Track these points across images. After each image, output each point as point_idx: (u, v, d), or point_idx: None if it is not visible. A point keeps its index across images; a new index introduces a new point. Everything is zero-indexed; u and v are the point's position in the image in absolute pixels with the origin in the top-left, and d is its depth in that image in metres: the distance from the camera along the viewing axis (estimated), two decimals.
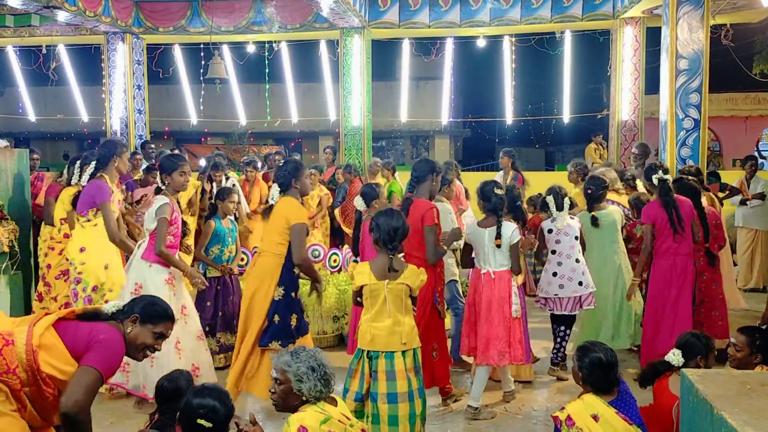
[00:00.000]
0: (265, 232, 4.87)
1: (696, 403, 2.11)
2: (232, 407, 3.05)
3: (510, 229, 4.88)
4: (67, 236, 5.57)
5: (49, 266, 5.66)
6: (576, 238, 5.60)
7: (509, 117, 13.50)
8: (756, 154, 22.87)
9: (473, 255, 5.12)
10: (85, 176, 5.19)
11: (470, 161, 26.53)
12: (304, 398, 3.07)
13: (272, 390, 3.16)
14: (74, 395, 2.87)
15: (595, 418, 3.34)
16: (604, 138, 12.77)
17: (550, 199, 5.64)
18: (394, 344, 3.87)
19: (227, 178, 8.24)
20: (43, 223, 6.54)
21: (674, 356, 3.73)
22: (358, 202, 5.67)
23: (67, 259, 5.18)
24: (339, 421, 3.08)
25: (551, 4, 11.38)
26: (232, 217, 6.20)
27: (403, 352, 3.89)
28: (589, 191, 5.94)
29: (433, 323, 4.89)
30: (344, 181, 9.74)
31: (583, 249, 5.66)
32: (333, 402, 3.16)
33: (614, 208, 6.07)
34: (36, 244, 6.53)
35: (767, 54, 15.78)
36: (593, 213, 5.91)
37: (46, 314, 3.13)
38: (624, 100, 11.49)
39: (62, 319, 3.10)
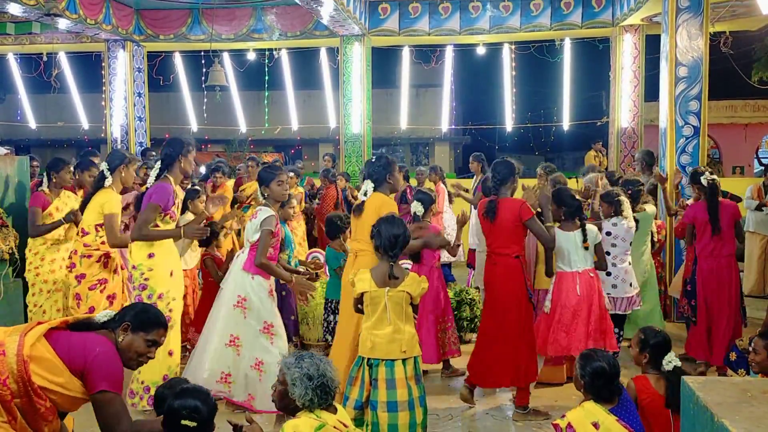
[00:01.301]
0: (359, 229, 4.82)
1: (696, 410, 2.11)
2: (215, 405, 3.05)
3: (594, 231, 5.18)
4: (104, 242, 5.31)
5: (83, 276, 5.30)
6: (630, 243, 5.76)
7: (509, 124, 13.52)
8: (756, 161, 22.89)
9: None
10: (151, 178, 4.96)
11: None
12: (296, 403, 3.07)
13: (273, 388, 3.18)
14: (116, 428, 2.91)
15: (596, 425, 3.34)
16: (604, 145, 12.79)
17: (624, 200, 5.73)
18: (394, 352, 3.86)
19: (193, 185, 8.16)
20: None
21: (676, 359, 3.71)
22: (416, 207, 5.67)
23: (134, 266, 4.90)
24: (335, 427, 3.07)
25: (551, 12, 11.41)
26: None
27: (404, 360, 3.87)
28: (629, 192, 6.10)
29: (529, 318, 4.95)
30: (321, 185, 9.86)
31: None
32: (333, 409, 3.15)
33: (651, 208, 6.42)
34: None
35: (766, 61, 15.79)
36: (634, 215, 6.00)
37: (38, 323, 3.08)
38: (623, 108, 11.50)
39: (53, 329, 3.06)
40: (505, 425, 4.88)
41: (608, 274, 5.57)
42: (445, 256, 7.27)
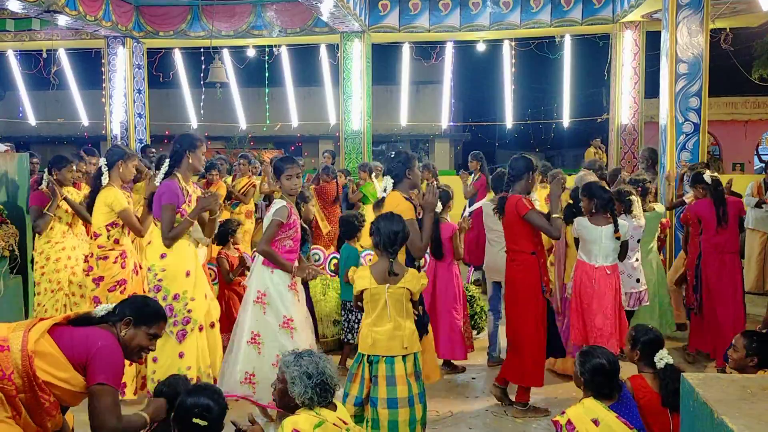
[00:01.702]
0: None
1: (696, 407, 2.11)
2: (226, 405, 3.07)
3: (626, 226, 5.20)
4: (117, 241, 5.21)
5: (101, 278, 5.12)
6: (639, 240, 5.86)
7: (509, 121, 13.52)
8: (756, 158, 22.87)
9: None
10: (160, 176, 4.85)
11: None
12: (296, 401, 3.08)
13: (272, 386, 3.18)
14: (107, 422, 2.91)
15: (596, 422, 3.33)
16: (603, 142, 12.79)
17: (635, 200, 5.85)
18: (394, 349, 3.86)
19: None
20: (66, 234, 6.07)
21: (668, 356, 3.71)
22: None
23: (149, 268, 4.82)
24: (334, 424, 3.07)
25: (551, 9, 11.40)
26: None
27: (404, 357, 3.87)
28: (638, 190, 6.20)
29: (543, 316, 4.97)
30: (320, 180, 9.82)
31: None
32: (332, 407, 3.15)
33: (660, 207, 6.53)
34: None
35: (767, 58, 15.78)
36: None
37: (41, 320, 3.10)
38: (624, 104, 11.50)
39: (56, 324, 3.07)
40: (504, 422, 4.88)
41: None
42: None
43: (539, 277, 4.92)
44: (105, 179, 5.21)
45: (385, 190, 4.80)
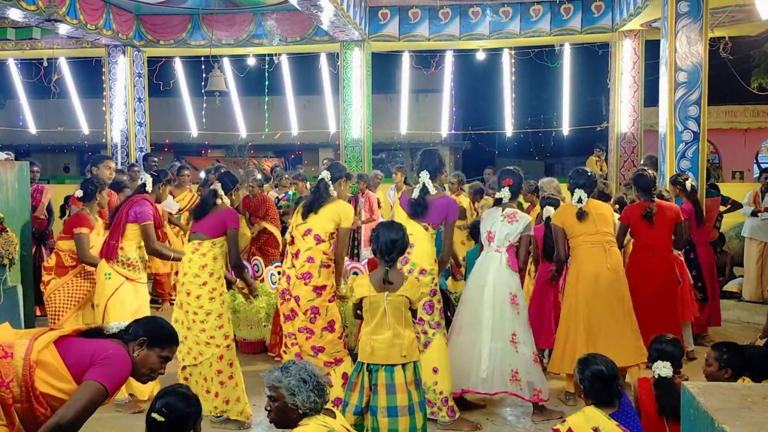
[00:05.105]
0: (598, 227, 5.26)
1: (697, 415, 2.10)
2: (196, 406, 2.99)
3: None
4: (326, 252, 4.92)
5: (323, 287, 4.83)
6: None
7: (509, 129, 13.54)
8: (755, 166, 22.89)
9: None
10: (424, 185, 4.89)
11: (470, 173, 26.48)
12: (300, 411, 3.05)
13: (268, 408, 3.13)
14: (74, 410, 2.80)
15: (596, 430, 3.33)
16: (604, 150, 12.77)
17: None
18: (394, 357, 3.85)
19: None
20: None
21: (665, 368, 3.72)
22: (548, 211, 5.98)
23: (422, 270, 4.72)
24: None
25: (550, 17, 11.44)
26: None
27: (404, 365, 3.87)
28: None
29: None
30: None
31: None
32: (331, 414, 3.14)
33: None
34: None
35: (766, 67, 15.80)
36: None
37: (51, 329, 3.06)
38: (623, 113, 11.52)
39: (65, 336, 3.02)
40: (504, 429, 4.86)
41: None
42: None
43: (674, 266, 5.85)
44: (333, 192, 5.02)
45: (579, 201, 5.27)
